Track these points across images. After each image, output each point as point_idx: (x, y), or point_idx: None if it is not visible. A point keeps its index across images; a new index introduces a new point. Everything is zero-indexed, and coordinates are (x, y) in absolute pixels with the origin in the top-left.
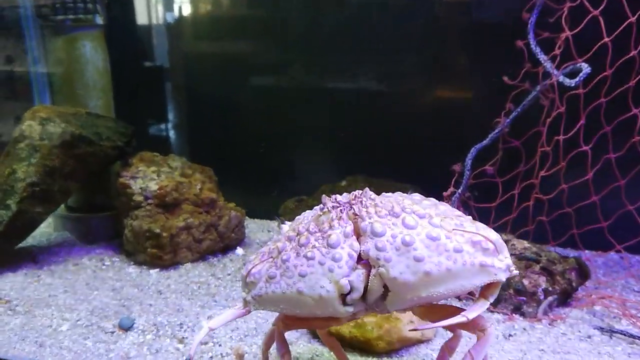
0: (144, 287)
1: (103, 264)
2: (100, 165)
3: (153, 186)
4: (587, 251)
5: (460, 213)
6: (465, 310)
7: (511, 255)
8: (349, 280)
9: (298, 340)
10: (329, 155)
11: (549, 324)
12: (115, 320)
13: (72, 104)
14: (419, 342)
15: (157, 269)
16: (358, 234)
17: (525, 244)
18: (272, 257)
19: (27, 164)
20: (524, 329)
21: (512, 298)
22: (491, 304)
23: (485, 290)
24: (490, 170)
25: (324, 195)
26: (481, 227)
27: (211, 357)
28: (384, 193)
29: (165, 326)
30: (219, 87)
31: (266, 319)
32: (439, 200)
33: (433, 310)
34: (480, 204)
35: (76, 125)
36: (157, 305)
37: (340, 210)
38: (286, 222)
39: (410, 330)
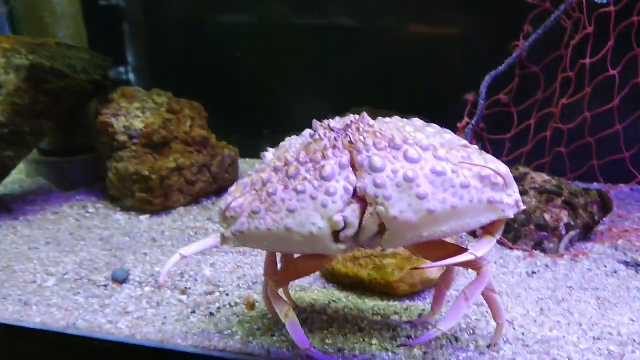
0: (135, 235)
1: (86, 211)
2: (76, 102)
3: (138, 124)
4: (595, 184)
5: (466, 142)
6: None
7: (531, 189)
8: (343, 216)
9: (312, 286)
10: (329, 89)
11: (572, 260)
12: (108, 273)
13: (39, 34)
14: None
15: (148, 215)
16: (354, 165)
17: (545, 176)
18: (255, 189)
19: None
20: (547, 265)
21: (532, 234)
22: (511, 241)
23: (490, 227)
24: (505, 99)
25: (314, 120)
26: (490, 159)
27: (219, 308)
28: (380, 118)
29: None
30: (206, 15)
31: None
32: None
33: (429, 247)
34: (494, 136)
35: (45, 56)
36: (152, 254)
37: (335, 138)
38: (269, 149)
39: (411, 269)
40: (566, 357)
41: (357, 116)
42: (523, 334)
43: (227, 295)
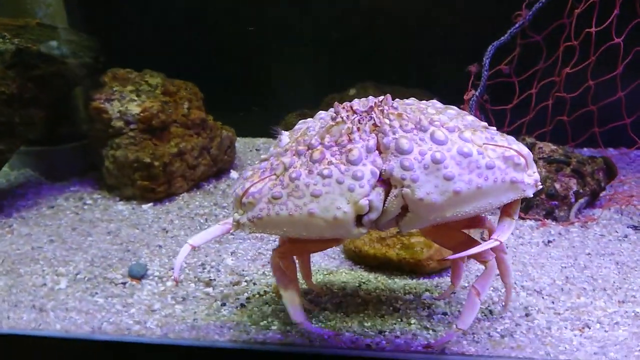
0: (144, 226)
1: (84, 203)
2: (67, 88)
3: (134, 108)
4: (586, 149)
5: (485, 124)
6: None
7: (540, 159)
8: (368, 200)
9: (339, 269)
10: (329, 62)
11: (582, 227)
12: (124, 269)
13: (15, 14)
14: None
15: (151, 203)
16: (379, 148)
17: (552, 146)
18: (275, 174)
19: None
20: (560, 233)
21: (544, 203)
22: (522, 211)
23: (508, 208)
24: (507, 70)
25: (336, 102)
26: (512, 140)
27: (248, 298)
28: (398, 100)
29: (185, 269)
30: None
31: None
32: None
33: (443, 229)
34: (497, 107)
35: (30, 40)
36: (167, 245)
37: (359, 120)
38: (283, 132)
39: (438, 260)
40: (596, 321)
41: (380, 98)
42: (553, 303)
43: (255, 284)
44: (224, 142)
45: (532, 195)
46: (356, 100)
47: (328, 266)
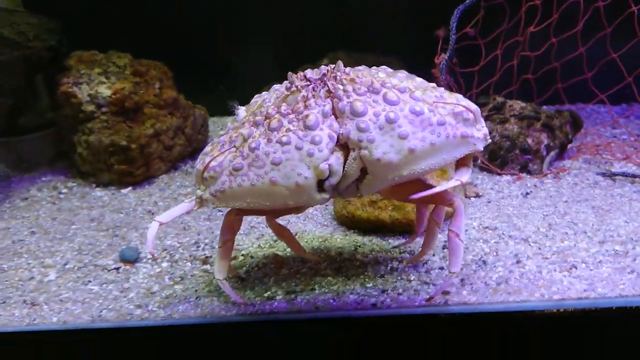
0: (127, 210)
1: (59, 192)
2: (32, 74)
3: (105, 91)
4: (548, 106)
5: (434, 85)
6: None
7: (512, 116)
8: (328, 164)
9: (333, 235)
10: (297, 34)
11: (554, 178)
12: (115, 255)
13: None
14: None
15: (130, 187)
16: (335, 113)
17: (521, 103)
18: (234, 146)
19: None
20: (535, 185)
21: (518, 158)
22: (498, 167)
23: (463, 160)
24: (472, 32)
25: (290, 72)
26: (460, 97)
27: (247, 272)
28: (350, 68)
29: (179, 248)
30: None
31: (288, 219)
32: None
33: (401, 189)
34: (465, 69)
35: None
36: (162, 227)
37: (313, 88)
38: (240, 106)
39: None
40: (581, 262)
41: (331, 65)
42: (539, 248)
43: (252, 257)
44: (197, 121)
45: (482, 149)
46: (309, 69)
47: (322, 233)
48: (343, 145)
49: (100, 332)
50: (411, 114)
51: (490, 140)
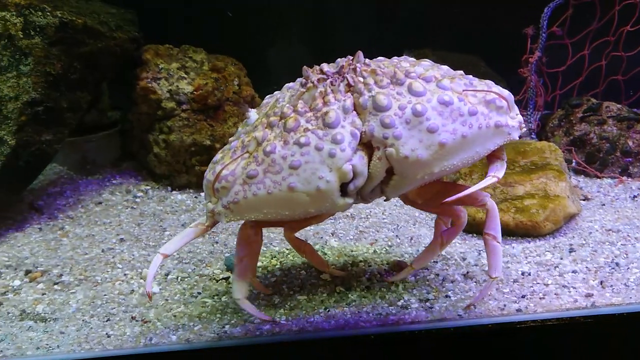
0: None
1: (134, 196)
2: (114, 67)
3: (186, 87)
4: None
5: (462, 72)
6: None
7: (609, 117)
8: (351, 165)
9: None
10: (377, 30)
11: None
12: (219, 263)
13: None
14: (574, 215)
15: None
16: (356, 109)
17: (617, 105)
18: (247, 151)
19: (14, 74)
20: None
21: (619, 160)
22: (598, 170)
23: (496, 152)
24: (559, 31)
25: (305, 67)
26: (491, 84)
27: (369, 279)
28: (370, 60)
29: (288, 255)
30: None
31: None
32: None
33: (428, 190)
34: (552, 69)
35: (71, 12)
36: (264, 232)
37: (332, 82)
38: (250, 109)
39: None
40: None
41: (349, 57)
42: None
43: (370, 265)
44: None
45: (517, 138)
46: (325, 64)
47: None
48: (366, 143)
49: (229, 351)
50: (440, 104)
51: (525, 129)
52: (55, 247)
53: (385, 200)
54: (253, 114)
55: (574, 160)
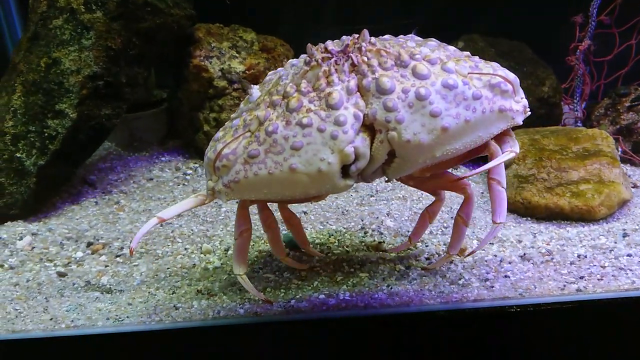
0: None
1: (184, 173)
2: (171, 44)
3: (238, 66)
4: None
5: (468, 53)
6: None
7: None
8: (354, 147)
9: (505, 223)
10: (432, 14)
11: None
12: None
13: None
14: (627, 201)
15: None
16: (359, 90)
17: None
18: (249, 130)
19: (76, 48)
20: None
21: None
22: (636, 153)
23: (502, 134)
24: (607, 20)
25: (309, 45)
26: (497, 66)
27: (427, 258)
28: (376, 38)
29: (345, 234)
30: None
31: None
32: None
33: (430, 171)
34: (598, 59)
35: None
36: (314, 210)
37: (336, 61)
38: (253, 85)
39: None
40: None
41: (355, 35)
42: None
43: (427, 245)
44: None
45: (521, 122)
46: (329, 41)
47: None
48: (369, 125)
49: (299, 324)
50: (444, 88)
51: (530, 113)
52: (114, 220)
53: (386, 182)
54: (255, 90)
55: (620, 149)
